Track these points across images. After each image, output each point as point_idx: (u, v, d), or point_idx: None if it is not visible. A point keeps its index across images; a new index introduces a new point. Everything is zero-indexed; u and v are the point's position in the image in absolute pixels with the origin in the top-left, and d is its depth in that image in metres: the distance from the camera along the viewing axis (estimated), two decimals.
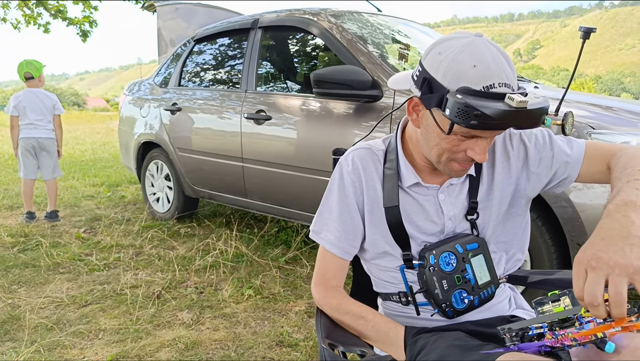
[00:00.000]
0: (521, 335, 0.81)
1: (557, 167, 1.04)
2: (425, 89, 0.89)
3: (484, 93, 0.83)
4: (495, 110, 0.80)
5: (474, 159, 0.92)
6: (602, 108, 2.27)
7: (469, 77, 0.84)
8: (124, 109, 4.54)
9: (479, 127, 0.82)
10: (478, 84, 0.83)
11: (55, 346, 2.11)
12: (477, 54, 0.85)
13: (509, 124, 0.83)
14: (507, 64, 0.86)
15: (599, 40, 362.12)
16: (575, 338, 0.76)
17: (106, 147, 10.41)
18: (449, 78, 0.85)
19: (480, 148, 0.91)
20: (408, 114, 0.98)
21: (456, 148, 0.92)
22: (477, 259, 1.02)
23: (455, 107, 0.82)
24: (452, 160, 0.95)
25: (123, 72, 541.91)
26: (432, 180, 1.05)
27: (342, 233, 1.06)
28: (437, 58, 0.88)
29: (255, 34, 3.32)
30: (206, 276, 2.89)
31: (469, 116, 0.81)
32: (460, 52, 0.85)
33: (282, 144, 2.95)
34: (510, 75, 0.85)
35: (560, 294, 0.83)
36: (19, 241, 3.57)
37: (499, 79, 0.83)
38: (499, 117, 0.80)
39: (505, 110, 0.80)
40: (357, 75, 2.48)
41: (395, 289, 1.08)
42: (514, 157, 1.05)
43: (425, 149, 0.98)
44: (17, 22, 10.90)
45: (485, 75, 0.83)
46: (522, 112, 0.81)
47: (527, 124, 0.85)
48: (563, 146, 1.05)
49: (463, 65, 0.84)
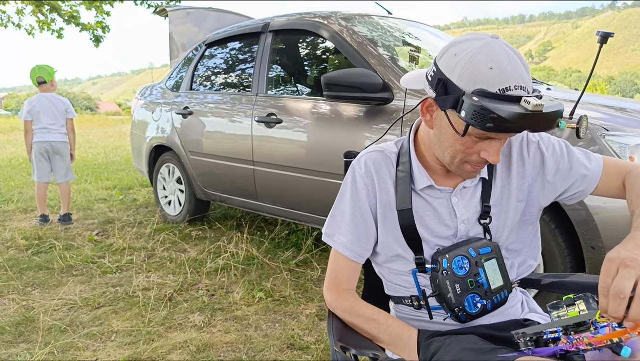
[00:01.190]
0: (535, 339, 0.81)
1: (575, 179, 1.05)
2: (441, 90, 0.89)
3: (500, 96, 0.82)
4: (511, 113, 0.80)
5: (488, 160, 0.92)
6: (615, 110, 2.25)
7: (485, 79, 0.83)
8: (136, 112, 4.58)
9: (495, 130, 0.82)
10: (494, 86, 0.83)
11: (69, 348, 2.13)
12: (493, 56, 0.84)
13: (524, 127, 0.83)
14: (522, 67, 0.85)
15: (611, 41, 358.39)
16: (591, 343, 0.75)
17: (118, 151, 10.51)
18: (465, 80, 0.85)
19: (494, 150, 0.91)
20: (422, 114, 0.98)
21: (470, 150, 0.92)
22: (490, 264, 1.01)
23: (471, 110, 0.82)
24: (465, 162, 0.95)
25: (135, 77, 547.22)
26: (445, 182, 1.04)
27: (355, 235, 1.06)
28: (453, 60, 0.87)
29: (266, 38, 3.34)
30: (217, 279, 2.90)
31: (485, 119, 0.81)
32: (476, 53, 0.85)
33: (293, 147, 2.96)
34: (525, 78, 0.85)
35: (575, 298, 0.82)
36: (33, 243, 3.62)
37: (515, 81, 0.83)
38: (515, 120, 0.80)
39: (522, 113, 0.80)
40: (368, 78, 2.48)
41: (408, 293, 1.07)
42: (529, 164, 1.05)
43: (438, 150, 0.98)
44: (31, 27, 11.06)
45: (502, 77, 0.83)
46: (537, 115, 0.80)
47: (542, 127, 0.84)
48: (581, 158, 1.05)
49: (479, 67, 0.84)
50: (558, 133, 1.99)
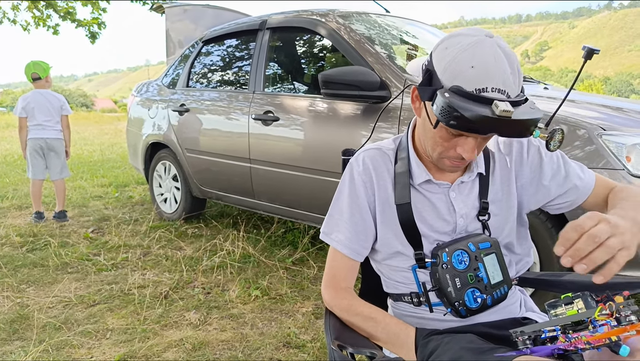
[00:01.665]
0: (534, 338, 0.81)
1: (568, 188, 1.06)
2: (426, 80, 0.91)
3: (473, 96, 0.83)
4: (475, 114, 0.80)
5: (463, 156, 0.92)
6: (612, 109, 2.25)
7: (464, 77, 0.84)
8: (132, 110, 4.56)
9: (458, 128, 0.83)
10: (471, 85, 0.84)
11: (63, 345, 2.12)
12: (479, 55, 0.84)
13: (489, 130, 0.84)
14: (509, 70, 0.85)
15: (607, 41, 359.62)
16: (589, 342, 0.75)
17: (114, 148, 10.47)
18: (447, 75, 0.86)
19: (469, 147, 0.91)
20: (412, 102, 1.00)
21: (447, 144, 0.93)
22: (490, 258, 1.01)
23: (440, 105, 0.84)
24: (445, 157, 0.96)
25: (131, 74, 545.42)
26: (443, 177, 1.05)
27: (353, 233, 1.06)
28: (443, 53, 0.89)
29: (263, 35, 3.33)
30: (213, 277, 2.89)
31: (450, 116, 0.82)
32: (464, 50, 0.86)
33: (290, 145, 2.95)
34: (509, 81, 0.84)
35: (574, 297, 0.82)
36: (28, 240, 3.60)
37: (493, 83, 0.83)
38: (478, 122, 0.81)
39: (486, 116, 0.80)
40: (365, 76, 2.47)
41: (407, 289, 1.07)
42: (527, 165, 1.07)
43: (423, 140, 1.01)
44: (26, 23, 10.98)
45: (481, 78, 0.83)
46: (504, 121, 0.81)
47: (510, 133, 0.85)
48: (577, 169, 1.07)
49: (462, 64, 0.85)
50: None
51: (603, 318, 0.75)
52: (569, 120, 2.00)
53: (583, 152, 1.91)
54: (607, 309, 0.75)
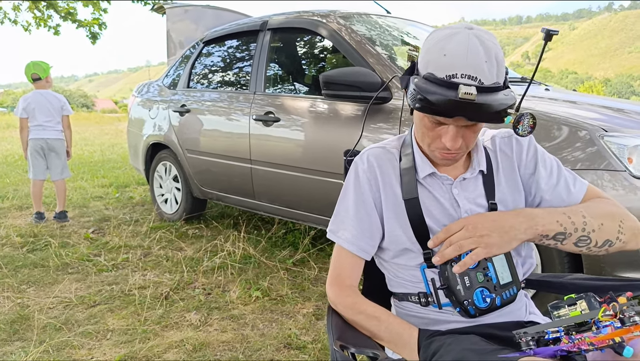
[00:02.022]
0: (537, 339, 0.80)
1: (555, 197, 1.06)
2: (409, 70, 0.96)
3: (442, 81, 0.86)
4: (437, 97, 0.85)
5: (446, 145, 0.95)
6: (613, 110, 2.25)
7: (437, 64, 0.88)
8: (132, 110, 4.56)
9: (422, 111, 0.88)
10: (442, 72, 0.87)
11: (64, 346, 2.12)
12: (453, 45, 0.88)
13: (453, 113, 0.87)
14: (484, 58, 0.86)
15: (608, 43, 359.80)
16: (593, 343, 0.75)
17: (115, 149, 10.47)
18: (423, 63, 0.91)
19: (450, 135, 0.94)
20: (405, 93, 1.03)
21: (432, 133, 0.97)
22: (499, 259, 1.01)
23: (410, 90, 0.90)
24: (434, 149, 0.99)
25: (132, 74, 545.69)
26: (445, 171, 1.06)
27: (359, 230, 1.07)
28: (426, 44, 0.93)
29: (264, 36, 3.33)
30: (214, 278, 2.89)
31: (415, 99, 0.88)
32: (440, 40, 0.90)
33: (291, 146, 2.95)
34: (481, 69, 0.86)
35: (577, 298, 0.82)
36: (28, 241, 3.59)
37: (463, 70, 0.86)
38: (440, 104, 0.85)
39: (448, 99, 0.84)
40: (366, 77, 2.47)
41: (415, 289, 1.06)
42: (524, 168, 1.08)
43: (415, 132, 1.05)
44: (27, 24, 10.99)
45: (451, 65, 0.87)
46: (468, 104, 0.84)
47: (478, 118, 0.87)
48: (569, 181, 1.07)
49: (436, 53, 0.89)
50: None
51: (607, 319, 0.74)
52: (570, 121, 2.00)
53: (584, 153, 1.91)
54: (610, 310, 0.75)
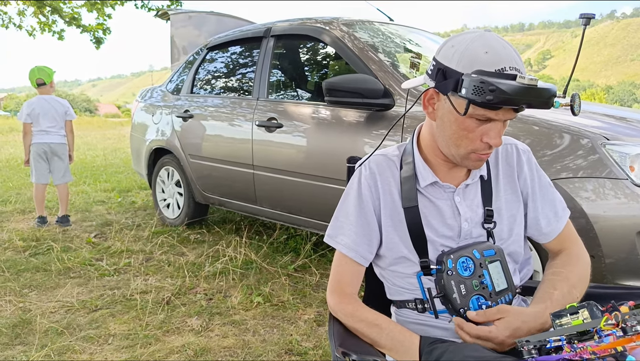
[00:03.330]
0: (539, 347, 0.81)
1: (540, 221, 1.11)
2: (440, 77, 0.95)
3: (497, 74, 0.88)
4: (509, 85, 0.86)
5: (490, 143, 0.95)
6: (616, 119, 2.26)
7: (481, 61, 0.90)
8: (136, 115, 4.58)
9: (495, 102, 0.87)
10: (491, 67, 0.89)
11: (65, 350, 2.12)
12: (487, 43, 0.91)
13: (522, 100, 0.88)
14: (515, 53, 0.92)
15: (610, 50, 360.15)
16: (595, 352, 0.75)
17: (117, 153, 10.50)
18: (464, 64, 0.91)
19: (495, 132, 0.95)
20: (424, 107, 1.02)
21: (472, 135, 0.96)
22: (494, 266, 1.02)
23: (471, 85, 0.88)
24: (471, 151, 0.98)
25: (135, 79, 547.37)
26: (448, 179, 1.07)
27: (360, 236, 1.07)
28: (451, 50, 0.94)
29: (268, 43, 3.35)
30: (215, 283, 2.89)
31: (485, 92, 0.87)
32: (472, 41, 0.92)
33: (293, 152, 2.96)
34: (519, 62, 0.91)
35: (579, 306, 0.82)
36: (31, 245, 3.60)
37: (509, 63, 0.90)
38: (512, 93, 0.86)
39: (519, 86, 0.86)
40: (369, 84, 2.48)
41: (412, 296, 1.07)
42: (522, 181, 1.11)
43: (442, 142, 1.01)
44: (32, 29, 11.07)
45: (497, 60, 0.89)
46: (533, 89, 0.87)
47: (538, 103, 0.90)
48: (558, 208, 1.12)
49: (476, 51, 0.91)
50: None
51: (609, 328, 0.75)
52: (572, 129, 2.00)
53: (586, 161, 1.91)
54: (612, 319, 0.75)
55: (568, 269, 1.06)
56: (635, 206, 1.81)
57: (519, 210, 1.09)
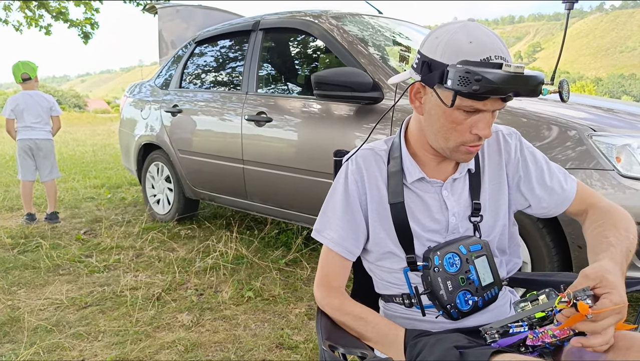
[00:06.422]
0: (502, 333, 0.84)
1: (550, 194, 1.08)
2: (426, 70, 0.93)
3: (482, 63, 0.87)
4: (495, 74, 0.84)
5: (479, 135, 0.94)
6: (603, 110, 2.27)
7: (466, 51, 0.88)
8: (124, 110, 4.54)
9: (481, 92, 0.85)
10: (476, 56, 0.88)
11: (55, 348, 2.10)
12: (471, 32, 0.90)
13: (508, 89, 0.87)
14: (500, 42, 0.91)
15: (599, 42, 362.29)
16: (555, 334, 0.79)
17: (107, 149, 10.41)
18: (448, 55, 0.90)
19: (484, 123, 0.93)
20: (411, 102, 1.00)
21: (461, 127, 0.94)
22: (481, 261, 1.02)
23: (457, 76, 0.86)
24: (461, 143, 0.96)
25: (124, 74, 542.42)
26: (435, 175, 1.06)
27: (347, 231, 1.07)
28: (435, 42, 0.93)
29: (256, 36, 3.32)
30: (206, 278, 2.88)
31: (471, 82, 0.85)
32: (455, 32, 0.91)
33: (283, 146, 2.95)
34: (504, 50, 0.90)
35: (539, 293, 0.86)
36: (19, 242, 3.57)
37: (494, 52, 0.89)
38: (499, 81, 0.84)
39: (505, 74, 0.84)
40: (358, 77, 2.48)
41: (399, 290, 1.08)
42: (513, 165, 1.09)
43: (431, 135, 1.00)
44: (18, 24, 10.92)
45: (481, 49, 0.88)
46: (520, 77, 0.86)
47: (525, 91, 0.89)
48: (560, 177, 1.09)
49: (460, 42, 0.90)
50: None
51: (563, 307, 0.78)
52: (559, 121, 2.01)
53: (574, 152, 1.92)
54: (565, 297, 0.78)
55: (607, 217, 1.02)
56: (621, 197, 1.83)
57: (504, 200, 1.09)
